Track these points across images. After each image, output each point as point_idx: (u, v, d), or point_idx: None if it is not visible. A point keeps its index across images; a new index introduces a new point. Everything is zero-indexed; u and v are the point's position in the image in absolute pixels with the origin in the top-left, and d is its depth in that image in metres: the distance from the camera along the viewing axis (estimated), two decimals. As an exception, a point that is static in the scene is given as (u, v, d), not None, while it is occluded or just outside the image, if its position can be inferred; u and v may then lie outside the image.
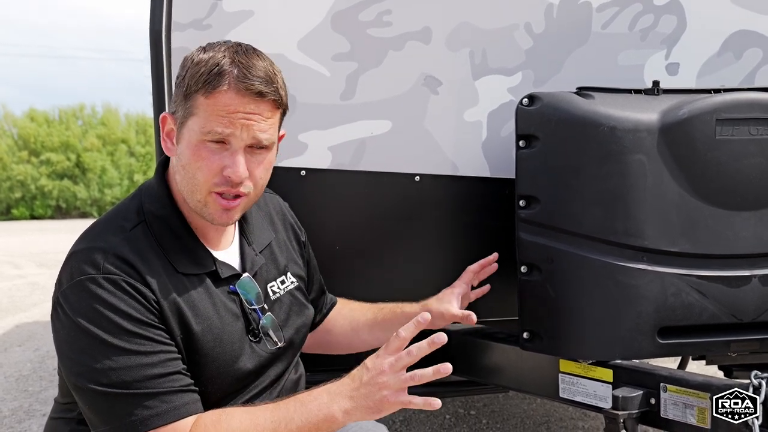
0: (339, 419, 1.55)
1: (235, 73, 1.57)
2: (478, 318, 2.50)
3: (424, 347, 1.56)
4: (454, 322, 2.20)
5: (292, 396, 1.61)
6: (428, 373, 1.54)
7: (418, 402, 1.54)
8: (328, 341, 2.21)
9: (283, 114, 1.71)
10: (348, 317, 2.20)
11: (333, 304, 2.22)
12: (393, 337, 1.58)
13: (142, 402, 1.49)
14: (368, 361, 1.58)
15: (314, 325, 2.11)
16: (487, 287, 2.28)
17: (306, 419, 1.54)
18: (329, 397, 1.56)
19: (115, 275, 1.53)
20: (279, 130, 1.72)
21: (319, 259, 2.17)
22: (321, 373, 2.33)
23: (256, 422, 1.54)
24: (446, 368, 1.55)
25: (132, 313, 1.52)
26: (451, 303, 2.16)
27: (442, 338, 1.56)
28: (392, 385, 1.54)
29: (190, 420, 1.53)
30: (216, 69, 1.56)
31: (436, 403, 1.54)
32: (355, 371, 1.59)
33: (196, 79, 1.58)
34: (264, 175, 1.68)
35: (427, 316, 1.60)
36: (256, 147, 1.63)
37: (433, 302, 2.16)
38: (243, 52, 1.61)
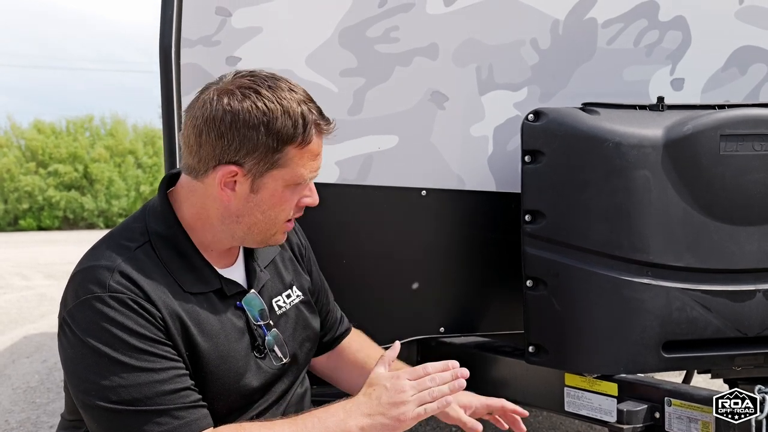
0: None
1: (314, 118, 1.65)
2: (483, 331, 2.52)
3: (447, 378, 1.65)
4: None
5: (309, 412, 1.64)
6: (444, 390, 1.64)
7: (433, 407, 1.62)
8: (337, 378, 2.15)
9: None
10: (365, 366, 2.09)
11: (347, 330, 2.15)
12: (420, 367, 1.65)
13: (153, 419, 1.50)
14: (386, 381, 1.63)
15: (324, 345, 2.09)
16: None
17: None
18: (345, 414, 1.60)
19: (120, 293, 1.54)
20: None
21: (326, 274, 2.17)
22: (326, 387, 2.35)
23: None
24: (461, 383, 1.66)
25: (139, 330, 1.53)
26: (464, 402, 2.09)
27: (462, 384, 1.66)
28: (411, 402, 1.61)
29: None
30: (302, 120, 1.62)
31: (448, 400, 1.64)
32: (371, 390, 1.64)
33: (285, 133, 1.61)
34: None
35: (465, 372, 1.68)
36: None
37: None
38: (296, 90, 1.66)
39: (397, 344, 1.77)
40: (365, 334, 2.20)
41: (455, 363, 1.68)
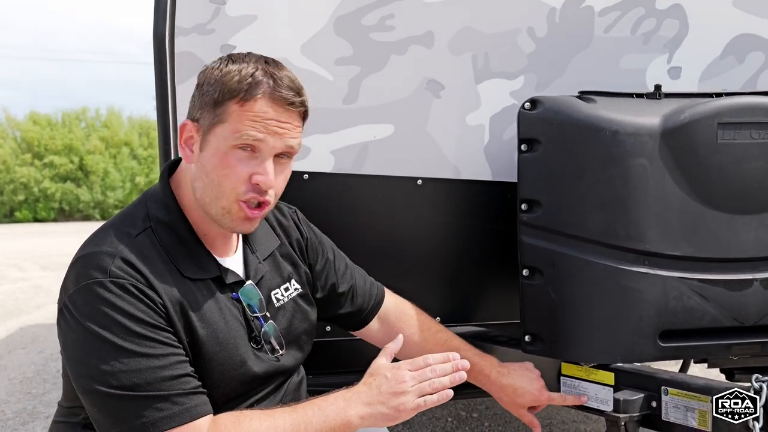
0: (354, 424, 1.60)
1: (270, 83, 1.61)
2: (479, 320, 2.51)
3: (447, 369, 1.64)
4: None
5: (309, 401, 1.64)
6: (445, 382, 1.63)
7: (434, 399, 1.62)
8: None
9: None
10: (423, 335, 2.16)
11: (379, 302, 2.15)
12: (421, 359, 1.65)
13: (153, 404, 1.50)
14: (386, 371, 1.64)
15: (357, 323, 2.12)
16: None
17: (323, 423, 1.58)
18: (345, 403, 1.61)
19: (122, 279, 1.54)
20: None
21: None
22: (321, 376, 2.35)
23: (276, 424, 1.57)
24: (461, 375, 1.64)
25: (140, 315, 1.53)
26: (526, 390, 2.12)
27: (462, 377, 1.65)
28: (411, 392, 1.61)
29: (203, 421, 1.54)
30: (251, 79, 1.60)
31: (448, 393, 1.63)
32: (371, 380, 1.65)
33: (230, 87, 1.60)
34: (283, 184, 1.72)
35: (466, 364, 1.67)
36: (282, 156, 1.66)
37: (509, 374, 2.15)
38: (273, 64, 1.66)
39: (401, 337, 1.77)
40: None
41: (456, 355, 1.67)
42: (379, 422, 1.62)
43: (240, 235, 1.84)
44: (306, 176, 2.31)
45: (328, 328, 2.38)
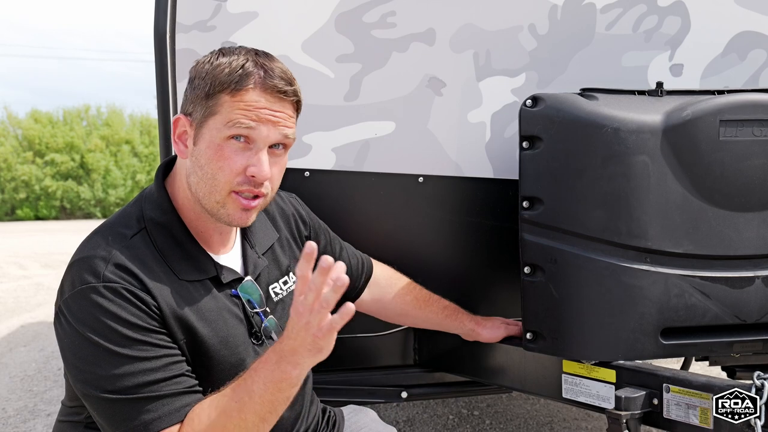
0: (294, 375, 1.48)
1: (261, 74, 1.61)
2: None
3: (318, 280, 1.39)
4: None
5: (248, 369, 1.54)
6: (329, 296, 1.39)
7: (337, 318, 1.39)
8: (384, 313, 2.30)
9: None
10: (410, 297, 2.29)
11: (369, 274, 2.24)
12: (299, 279, 1.42)
13: (145, 406, 1.50)
14: (291, 311, 1.47)
15: (351, 299, 2.14)
16: None
17: (264, 385, 1.49)
18: (276, 356, 1.48)
19: (115, 283, 1.54)
20: None
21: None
22: (326, 374, 2.35)
23: (222, 409, 1.51)
24: (343, 281, 1.39)
25: (133, 320, 1.53)
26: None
27: (344, 281, 1.38)
28: (313, 323, 1.41)
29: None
30: (241, 70, 1.60)
31: (350, 309, 1.37)
32: (288, 322, 1.47)
33: (221, 79, 1.60)
34: (279, 177, 1.70)
35: (345, 280, 1.39)
36: (276, 147, 1.65)
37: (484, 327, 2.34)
38: (263, 55, 1.66)
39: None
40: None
41: (329, 259, 1.39)
42: (312, 360, 1.46)
43: (238, 231, 1.83)
44: (307, 173, 2.30)
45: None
